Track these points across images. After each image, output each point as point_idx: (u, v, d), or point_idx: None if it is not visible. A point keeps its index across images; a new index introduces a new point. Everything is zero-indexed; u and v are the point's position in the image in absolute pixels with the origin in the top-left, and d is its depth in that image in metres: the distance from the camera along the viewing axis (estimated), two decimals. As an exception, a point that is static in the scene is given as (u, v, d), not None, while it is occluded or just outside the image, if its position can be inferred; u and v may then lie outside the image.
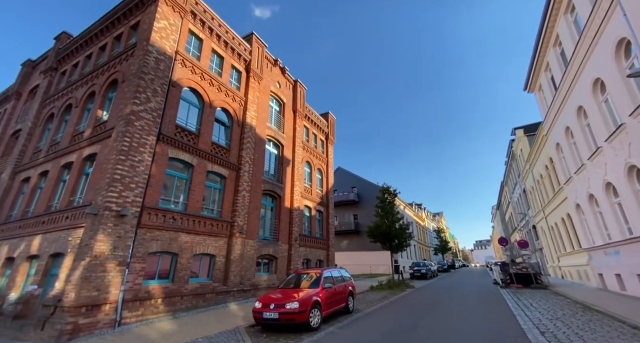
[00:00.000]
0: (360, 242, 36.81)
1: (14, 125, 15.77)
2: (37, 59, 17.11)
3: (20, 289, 9.44)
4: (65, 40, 15.21)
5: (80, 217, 8.67)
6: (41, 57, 16.82)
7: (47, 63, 15.24)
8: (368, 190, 38.98)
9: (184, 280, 9.95)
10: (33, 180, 11.89)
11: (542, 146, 18.16)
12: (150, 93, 9.69)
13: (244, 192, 13.13)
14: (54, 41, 15.55)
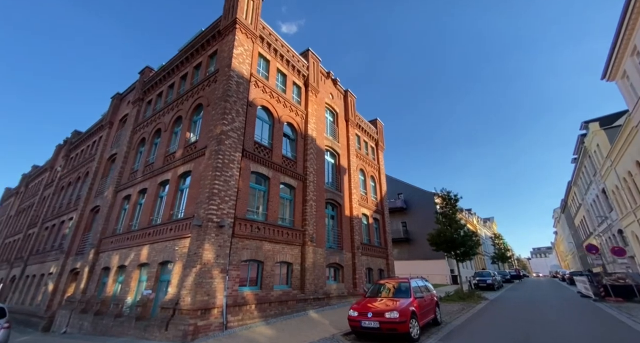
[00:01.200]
0: (412, 250, 35.44)
1: (110, 150, 18.30)
2: (123, 92, 19.83)
3: (134, 293, 10.74)
4: (148, 73, 17.46)
5: (185, 228, 9.70)
6: (127, 89, 19.46)
7: (134, 94, 17.57)
8: (415, 196, 37.68)
9: (269, 286, 10.50)
10: (133, 197, 13.62)
11: (632, 139, 16.08)
12: (234, 113, 10.66)
13: (311, 201, 13.59)
14: (138, 75, 17.93)
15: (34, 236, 22.92)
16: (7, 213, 33.68)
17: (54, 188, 23.80)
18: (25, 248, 23.36)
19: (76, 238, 16.66)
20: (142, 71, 17.74)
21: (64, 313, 13.02)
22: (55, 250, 18.00)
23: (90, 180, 18.11)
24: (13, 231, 28.70)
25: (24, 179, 34.57)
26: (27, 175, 34.10)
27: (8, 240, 28.60)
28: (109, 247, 13.27)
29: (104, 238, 13.93)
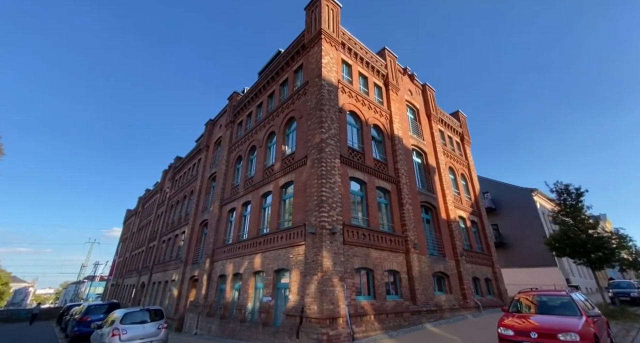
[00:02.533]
0: (509, 256, 30.66)
1: (209, 169, 20.74)
2: (215, 117, 22.47)
3: (252, 299, 11.48)
4: (235, 98, 19.41)
5: (296, 236, 9.98)
6: (218, 114, 21.99)
7: (226, 118, 19.68)
8: (506, 195, 32.88)
9: (382, 296, 9.97)
10: (238, 210, 14.92)
11: None
12: (330, 121, 10.76)
13: (407, 204, 12.76)
14: (227, 100, 20.07)
15: (154, 248, 27.32)
16: (130, 230, 41.30)
17: (165, 207, 28.13)
18: (149, 259, 27.97)
19: (191, 249, 19.06)
20: (230, 97, 19.81)
21: (192, 316, 14.76)
22: (175, 260, 20.93)
23: (196, 197, 20.72)
24: (137, 245, 34.88)
25: (140, 201, 42.15)
26: (142, 197, 41.47)
27: (134, 253, 34.83)
28: (221, 256, 14.68)
29: (216, 248, 15.52)
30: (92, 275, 65.38)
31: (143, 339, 9.02)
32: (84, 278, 68.89)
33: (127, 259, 36.38)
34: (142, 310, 9.77)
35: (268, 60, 18.74)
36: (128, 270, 33.99)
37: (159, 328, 9.53)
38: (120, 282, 35.61)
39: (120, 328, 8.83)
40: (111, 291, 40.07)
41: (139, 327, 9.18)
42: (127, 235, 43.12)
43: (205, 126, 23.40)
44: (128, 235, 41.56)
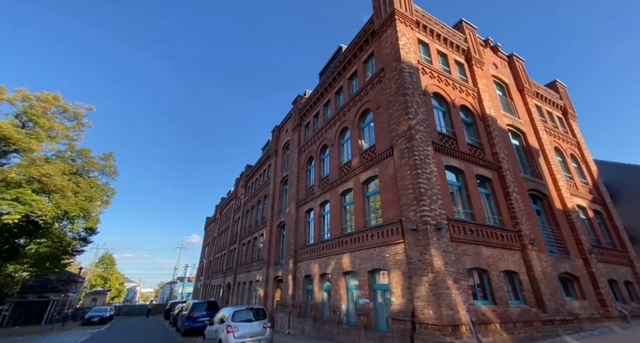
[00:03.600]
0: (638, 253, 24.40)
1: (280, 173, 21.47)
2: (280, 123, 23.28)
3: (346, 301, 11.06)
4: (300, 101, 19.69)
5: (392, 234, 9.19)
6: (283, 120, 22.71)
7: (292, 122, 20.10)
8: (624, 178, 26.38)
9: (503, 301, 8.45)
10: (315, 210, 14.85)
11: None
12: (416, 106, 9.76)
13: (514, 193, 10.81)
14: (292, 105, 20.52)
15: (235, 251, 29.59)
16: (211, 235, 45.91)
17: (241, 212, 30.29)
18: (231, 261, 30.42)
19: (271, 251, 19.86)
20: (294, 101, 20.21)
21: (282, 315, 15.13)
22: (257, 261, 22.13)
23: (270, 201, 21.61)
24: (219, 248, 38.45)
25: (217, 209, 46.64)
26: (219, 205, 45.81)
27: (217, 256, 38.47)
28: (305, 257, 14.74)
29: (297, 249, 15.71)
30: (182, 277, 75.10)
31: (252, 337, 9.31)
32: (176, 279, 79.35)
33: (212, 262, 40.40)
34: (247, 309, 10.17)
35: (329, 58, 18.57)
36: (214, 271, 37.65)
37: (264, 327, 9.77)
38: (207, 282, 39.69)
39: (232, 326, 9.27)
40: (201, 291, 45.09)
41: (247, 325, 9.53)
42: (209, 240, 48.09)
43: (271, 133, 24.43)
44: (210, 240, 46.28)
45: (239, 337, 9.12)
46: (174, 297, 71.71)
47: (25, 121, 21.23)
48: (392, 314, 8.43)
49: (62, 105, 23.09)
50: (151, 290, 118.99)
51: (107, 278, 65.47)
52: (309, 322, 12.42)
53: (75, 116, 24.03)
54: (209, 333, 10.78)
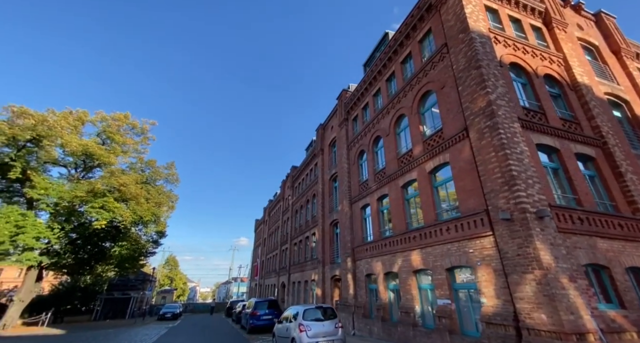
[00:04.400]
0: None
1: (328, 171, 21.12)
2: (324, 121, 23.01)
3: (419, 301, 10.10)
4: (345, 95, 19.14)
5: (475, 226, 8.05)
6: (327, 118, 22.40)
7: (338, 118, 19.64)
8: None
9: (634, 305, 6.76)
10: (372, 206, 14.08)
11: None
12: (493, 78, 8.50)
13: (628, 174, 8.81)
14: (336, 100, 20.07)
15: (287, 251, 30.06)
16: (262, 237, 47.63)
17: (290, 213, 30.71)
18: (283, 261, 30.99)
19: (325, 250, 19.54)
20: (339, 96, 19.73)
21: (344, 315, 14.59)
22: (311, 261, 22.04)
23: (320, 200, 21.36)
24: (270, 249, 39.62)
25: (265, 211, 48.31)
26: (267, 207, 47.42)
27: (269, 256, 39.67)
28: (364, 255, 14.05)
29: (355, 247, 15.08)
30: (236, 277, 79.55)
31: (325, 337, 8.91)
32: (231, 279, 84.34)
33: (264, 262, 41.82)
34: (316, 308, 9.83)
35: (374, 47, 17.73)
36: (266, 271, 38.87)
37: (336, 327, 9.31)
38: (261, 282, 41.15)
39: (305, 325, 8.99)
40: (255, 290, 47.01)
41: (319, 324, 9.16)
42: (259, 241, 50.01)
43: (316, 132, 24.28)
44: (261, 241, 48.07)
45: (312, 336, 8.79)
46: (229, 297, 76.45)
47: (104, 139, 24.13)
48: (484, 317, 7.30)
49: (131, 122, 25.83)
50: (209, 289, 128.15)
51: (173, 278, 72.23)
52: (377, 323, 11.67)
53: (142, 131, 26.73)
54: (279, 331, 10.69)
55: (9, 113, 18.21)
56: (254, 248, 56.67)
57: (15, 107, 18.26)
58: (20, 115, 18.14)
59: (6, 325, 19.52)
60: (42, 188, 19.42)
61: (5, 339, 15.75)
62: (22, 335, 17.24)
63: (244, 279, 76.04)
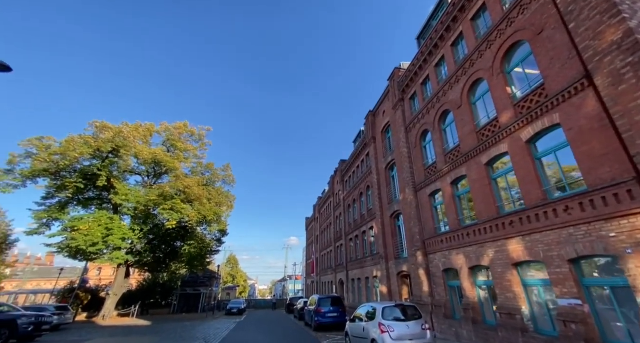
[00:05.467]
0: None
1: (383, 160, 19.60)
2: (374, 108, 21.53)
3: (525, 301, 8.19)
4: (398, 74, 17.46)
5: (620, 201, 5.98)
6: (377, 104, 20.89)
7: (391, 100, 18.04)
8: None
9: None
10: (445, 191, 12.29)
11: None
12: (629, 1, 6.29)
13: None
14: (388, 81, 18.47)
15: (342, 247, 29.20)
16: (314, 234, 47.68)
17: (342, 208, 29.76)
18: (339, 257, 30.19)
19: (387, 244, 18.10)
20: (391, 76, 18.12)
21: (420, 316, 13.05)
22: (371, 257, 20.76)
23: (376, 191, 19.94)
24: (323, 246, 39.27)
25: (315, 208, 48.29)
26: (316, 204, 47.32)
27: (323, 253, 39.34)
28: (439, 248, 12.34)
29: (427, 239, 13.42)
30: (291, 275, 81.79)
31: (413, 340, 7.66)
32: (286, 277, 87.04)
33: (319, 259, 41.67)
34: (396, 306, 8.63)
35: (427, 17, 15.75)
36: (322, 269, 38.58)
37: (423, 329, 7.99)
38: (317, 279, 41.05)
39: (386, 325, 7.87)
40: (312, 288, 47.27)
41: (402, 325, 7.95)
42: (311, 239, 50.22)
43: (365, 120, 22.91)
44: (313, 239, 48.19)
45: (396, 338, 7.62)
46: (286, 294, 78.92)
47: (169, 147, 26.20)
48: (654, 325, 5.28)
49: (190, 130, 27.66)
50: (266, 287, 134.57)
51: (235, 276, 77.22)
52: (466, 326, 9.96)
53: (199, 138, 28.51)
54: (353, 330, 9.75)
55: (93, 128, 20.72)
56: (307, 246, 57.24)
57: (98, 122, 20.71)
58: (102, 129, 20.50)
59: (105, 315, 22.29)
60: (123, 195, 21.69)
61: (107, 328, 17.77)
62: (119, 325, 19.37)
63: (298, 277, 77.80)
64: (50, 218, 21.09)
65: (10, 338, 10.64)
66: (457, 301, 11.50)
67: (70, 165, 20.21)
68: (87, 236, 19.21)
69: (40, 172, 19.54)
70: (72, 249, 19.61)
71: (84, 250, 19.33)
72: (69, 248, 19.76)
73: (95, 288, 30.50)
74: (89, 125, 20.83)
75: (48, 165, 19.23)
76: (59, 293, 28.26)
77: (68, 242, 19.51)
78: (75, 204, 22.53)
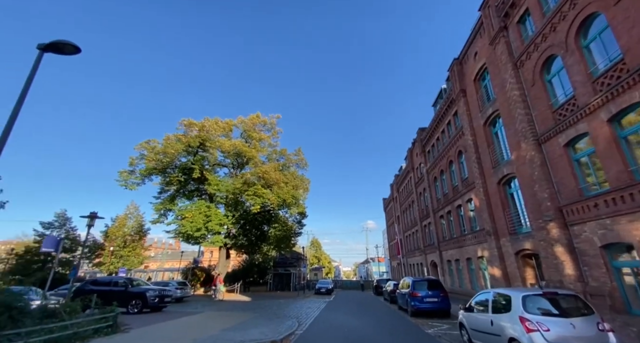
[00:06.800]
0: None
1: (480, 115, 15.70)
2: (459, 55, 17.42)
3: None
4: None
5: None
6: (462, 49, 16.77)
7: (488, 33, 13.98)
8: None
9: None
10: (597, 133, 8.42)
11: None
12: None
13: None
14: (478, 11, 14.31)
15: (430, 226, 26.02)
16: (394, 215, 44.90)
17: (426, 182, 26.30)
18: (428, 238, 27.10)
19: (495, 217, 14.58)
20: (483, 4, 13.94)
21: (564, 307, 9.72)
22: (472, 234, 17.40)
23: (473, 155, 16.24)
24: (407, 226, 36.35)
25: (392, 187, 45.23)
26: (393, 183, 44.19)
27: (407, 234, 36.50)
28: (592, 214, 8.66)
29: (564, 206, 9.76)
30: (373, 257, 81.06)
31: (584, 346, 5.11)
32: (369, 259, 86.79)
33: (402, 240, 39.02)
34: (544, 294, 6.08)
35: None
36: (408, 250, 35.93)
37: (600, 330, 5.30)
38: (404, 261, 38.62)
39: (532, 321, 5.50)
40: (396, 269, 45.13)
41: (562, 323, 5.44)
42: (392, 220, 47.59)
43: (448, 72, 18.88)
44: (393, 219, 45.52)
45: (555, 341, 5.19)
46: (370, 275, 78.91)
47: (246, 137, 27.72)
48: None
49: (262, 119, 28.61)
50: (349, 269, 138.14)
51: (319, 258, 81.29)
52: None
53: (271, 126, 29.30)
54: (472, 322, 7.60)
55: (183, 126, 23.28)
56: (387, 227, 54.87)
57: (185, 120, 23.19)
58: (189, 126, 22.83)
59: (216, 290, 25.60)
60: (215, 185, 23.96)
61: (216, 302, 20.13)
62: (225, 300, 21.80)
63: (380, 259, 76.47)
64: (165, 209, 25.03)
65: (144, 308, 12.56)
66: (633, 288, 7.88)
67: (171, 162, 23.27)
68: (192, 223, 21.95)
69: (152, 170, 23.09)
70: (183, 234, 22.77)
71: (191, 235, 22.16)
72: (180, 234, 23.02)
73: (207, 268, 35.88)
74: (179, 124, 23.50)
75: (155, 163, 22.52)
76: (183, 272, 34.27)
77: (179, 229, 22.72)
78: (181, 196, 26.17)
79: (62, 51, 5.88)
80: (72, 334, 6.89)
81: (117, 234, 34.83)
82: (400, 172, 40.76)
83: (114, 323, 8.26)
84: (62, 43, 5.78)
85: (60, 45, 5.79)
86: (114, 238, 34.64)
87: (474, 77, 16.08)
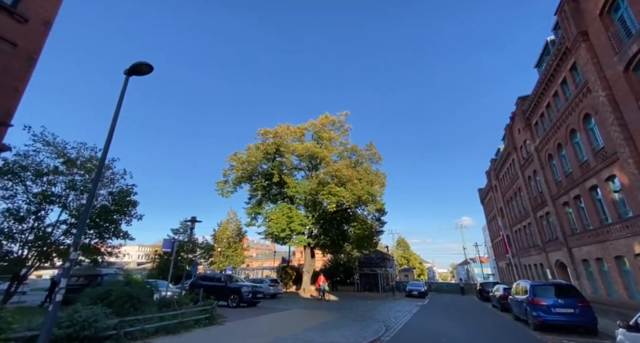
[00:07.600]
0: None
1: (614, 60, 11.27)
2: None
3: None
4: None
5: None
6: None
7: None
8: None
9: None
10: None
11: None
12: None
13: None
14: None
15: (549, 216, 20.54)
16: (496, 206, 37.85)
17: (536, 162, 20.96)
18: (547, 232, 21.46)
19: (664, 199, 10.04)
20: None
21: None
22: (621, 223, 12.60)
23: (609, 116, 11.81)
24: (515, 219, 29.95)
25: (489, 175, 38.35)
26: (490, 170, 37.40)
27: (516, 228, 30.06)
28: None
29: None
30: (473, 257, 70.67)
31: None
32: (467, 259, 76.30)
33: (510, 237, 32.40)
34: None
35: None
36: (520, 248, 29.52)
37: None
38: (514, 261, 31.93)
39: None
40: (506, 271, 37.74)
41: None
42: (493, 213, 40.38)
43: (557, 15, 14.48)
44: (495, 212, 38.48)
45: None
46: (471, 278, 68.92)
47: (317, 139, 28.29)
48: None
49: (331, 119, 28.72)
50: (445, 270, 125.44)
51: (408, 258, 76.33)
52: None
53: (340, 124, 29.10)
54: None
55: (260, 135, 25.42)
56: (487, 222, 46.84)
57: (262, 129, 25.29)
58: (265, 135, 24.73)
59: (304, 289, 26.70)
60: (293, 187, 25.18)
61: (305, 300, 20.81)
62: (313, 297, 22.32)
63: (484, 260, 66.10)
64: (255, 213, 27.71)
65: (240, 302, 13.80)
66: None
67: (254, 169, 25.64)
68: (277, 224, 23.51)
69: (240, 178, 25.94)
70: (271, 235, 24.62)
71: (277, 235, 23.73)
72: (269, 235, 24.95)
73: (298, 267, 38.09)
74: (257, 133, 25.76)
75: (242, 172, 25.19)
76: (277, 270, 37.36)
77: (267, 230, 24.67)
78: (267, 200, 28.54)
79: (141, 72, 6.70)
80: (178, 323, 7.80)
81: (222, 237, 40.81)
82: (497, 155, 34.23)
83: (211, 316, 9.10)
84: (141, 65, 6.57)
85: (139, 67, 6.60)
86: (220, 240, 40.68)
87: (599, 10, 11.70)
